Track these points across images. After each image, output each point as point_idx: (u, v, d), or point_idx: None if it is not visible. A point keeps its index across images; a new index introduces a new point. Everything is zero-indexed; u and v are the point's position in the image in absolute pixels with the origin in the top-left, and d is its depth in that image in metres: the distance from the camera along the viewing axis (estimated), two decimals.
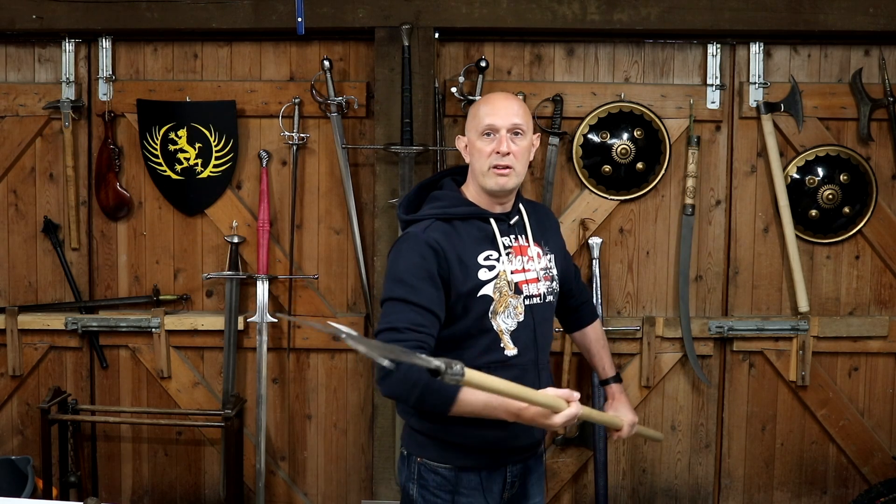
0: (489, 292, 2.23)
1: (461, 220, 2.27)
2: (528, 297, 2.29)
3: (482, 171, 2.26)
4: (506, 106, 2.27)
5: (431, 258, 2.18)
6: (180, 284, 3.85)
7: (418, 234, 2.22)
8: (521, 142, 2.26)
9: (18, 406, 3.90)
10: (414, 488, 2.32)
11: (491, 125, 2.24)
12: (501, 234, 2.29)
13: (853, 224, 3.72)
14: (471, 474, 2.29)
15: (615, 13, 3.52)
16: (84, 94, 3.78)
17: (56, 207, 3.83)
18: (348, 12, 3.54)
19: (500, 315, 2.24)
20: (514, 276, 2.27)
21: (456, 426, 2.24)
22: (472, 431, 2.24)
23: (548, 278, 2.36)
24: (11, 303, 3.86)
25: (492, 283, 2.23)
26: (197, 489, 3.91)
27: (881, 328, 3.73)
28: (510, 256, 2.28)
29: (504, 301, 2.25)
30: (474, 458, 2.29)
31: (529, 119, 2.30)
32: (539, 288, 2.32)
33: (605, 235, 3.74)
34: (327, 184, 3.78)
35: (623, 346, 3.74)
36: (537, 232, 2.39)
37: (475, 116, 2.29)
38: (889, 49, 3.67)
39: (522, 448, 2.36)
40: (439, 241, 2.20)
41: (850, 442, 3.79)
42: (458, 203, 2.30)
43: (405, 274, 2.16)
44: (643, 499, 3.85)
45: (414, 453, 2.33)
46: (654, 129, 3.66)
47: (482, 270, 2.23)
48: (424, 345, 2.09)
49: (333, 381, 3.85)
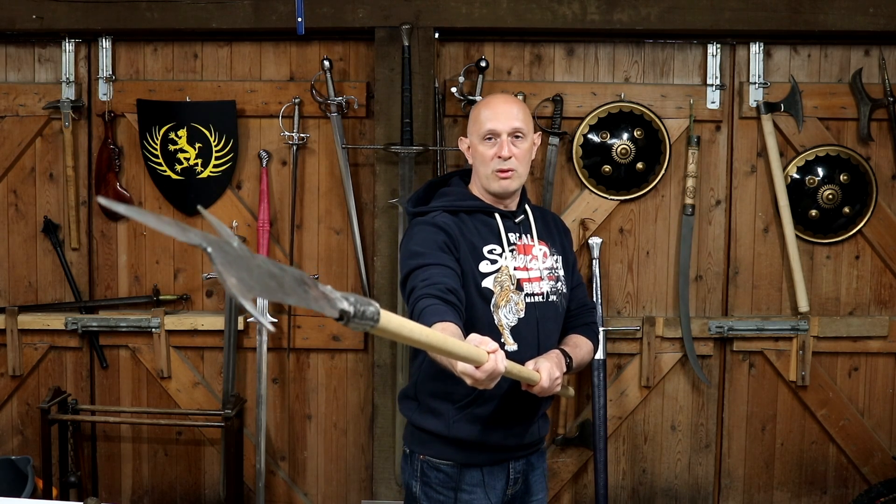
0: (489, 285, 2.25)
1: (467, 213, 2.31)
2: (529, 295, 2.30)
3: (485, 175, 2.31)
4: (506, 110, 2.30)
5: (442, 234, 2.23)
6: (180, 284, 3.85)
7: (426, 220, 2.28)
8: (523, 144, 2.30)
9: (18, 406, 3.90)
10: (417, 485, 2.33)
11: (492, 130, 2.28)
12: (506, 231, 2.32)
13: (853, 224, 3.72)
14: (473, 471, 2.30)
15: (615, 13, 3.52)
16: (84, 94, 3.78)
17: (56, 207, 3.83)
18: (348, 12, 3.54)
19: (501, 309, 2.25)
20: (516, 273, 2.29)
21: (457, 422, 2.26)
22: (474, 428, 2.26)
23: (552, 278, 2.36)
24: (11, 303, 3.86)
25: (492, 276, 2.26)
26: (197, 489, 3.92)
27: (881, 328, 3.73)
28: (514, 253, 2.30)
29: (505, 295, 2.26)
30: (476, 455, 2.30)
31: (530, 120, 2.33)
32: (542, 287, 2.33)
33: (605, 235, 3.74)
34: (327, 184, 3.78)
35: (623, 346, 3.75)
36: (544, 232, 2.41)
37: (476, 120, 2.33)
38: (889, 49, 3.67)
39: (525, 445, 2.36)
40: (447, 224, 2.25)
41: (850, 442, 3.79)
42: (465, 197, 2.35)
43: (417, 247, 2.19)
44: (643, 499, 3.85)
45: (416, 451, 2.34)
46: (654, 129, 3.65)
47: (484, 262, 2.26)
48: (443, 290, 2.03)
49: (333, 381, 3.85)
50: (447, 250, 2.20)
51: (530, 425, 2.36)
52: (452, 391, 2.27)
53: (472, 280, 2.23)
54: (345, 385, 3.85)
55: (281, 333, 3.79)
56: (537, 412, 2.38)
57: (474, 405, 2.28)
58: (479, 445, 2.29)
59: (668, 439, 3.83)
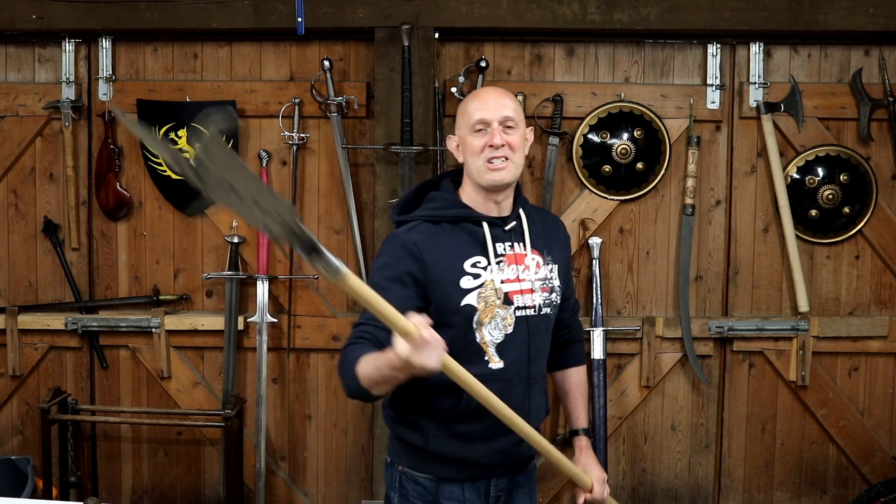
0: (472, 302, 2.13)
1: (451, 222, 2.19)
2: (520, 309, 2.19)
3: (477, 168, 2.17)
4: (495, 99, 2.19)
5: (406, 259, 2.12)
6: (180, 284, 3.85)
7: (398, 236, 2.18)
8: (514, 134, 2.17)
9: (18, 406, 3.90)
10: (395, 497, 2.27)
11: (482, 119, 2.16)
12: (495, 241, 2.19)
13: (853, 224, 3.72)
14: (452, 486, 2.23)
15: (615, 13, 3.52)
16: (84, 94, 3.78)
17: (56, 207, 3.83)
18: (348, 12, 3.54)
19: (485, 326, 2.14)
20: (504, 286, 2.16)
21: (437, 437, 2.19)
22: (453, 443, 2.19)
23: (546, 289, 2.24)
24: (11, 303, 3.86)
25: (475, 291, 2.13)
26: (197, 489, 3.92)
27: (881, 328, 3.73)
28: (501, 265, 2.18)
29: (490, 311, 2.14)
30: (455, 470, 2.22)
31: (521, 112, 2.22)
32: (534, 299, 2.21)
33: (605, 235, 3.74)
34: (327, 184, 3.78)
35: (623, 346, 3.74)
36: (539, 240, 2.27)
37: (464, 113, 2.21)
38: (889, 49, 3.67)
39: (509, 464, 2.27)
40: (418, 243, 2.13)
41: (850, 442, 3.79)
42: (450, 205, 2.22)
43: (377, 275, 2.13)
44: (643, 499, 3.85)
45: (396, 461, 2.28)
46: (654, 129, 3.65)
47: (466, 278, 2.14)
48: (373, 338, 2.03)
49: (333, 381, 3.85)
50: (403, 280, 2.10)
51: (517, 444, 2.23)
52: (434, 406, 2.18)
53: (447, 302, 2.12)
54: None
55: (281, 333, 3.79)
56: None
57: (457, 422, 2.18)
58: (459, 462, 2.21)
59: (668, 439, 3.83)
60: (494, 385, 2.10)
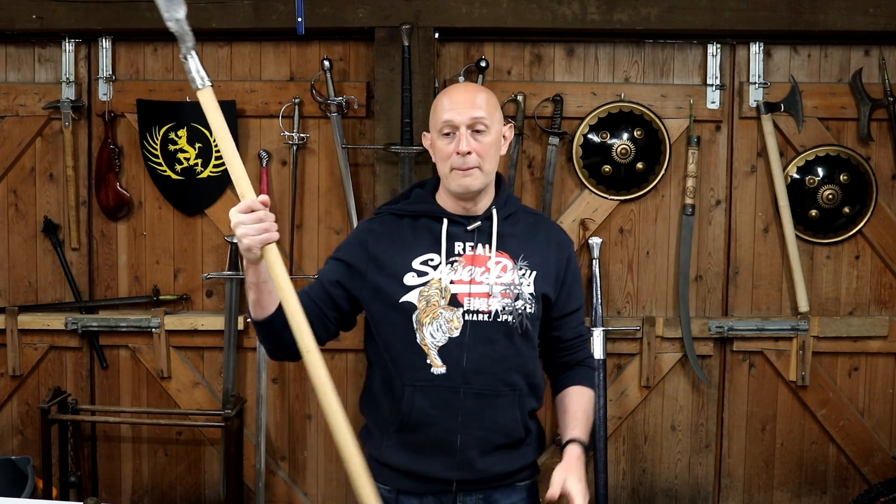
0: (412, 299, 2.03)
1: (413, 217, 2.12)
2: (470, 313, 2.03)
3: (444, 174, 2.07)
4: (465, 99, 2.04)
5: (353, 245, 2.14)
6: (180, 284, 3.85)
7: (361, 223, 2.23)
8: (485, 138, 2.03)
9: (18, 406, 3.90)
10: None
11: (449, 121, 2.03)
12: (455, 239, 2.08)
13: (853, 224, 3.72)
14: (412, 499, 2.10)
15: (615, 13, 3.52)
16: (84, 94, 3.78)
17: (56, 207, 3.83)
18: (348, 12, 3.54)
19: (426, 327, 2.03)
20: (452, 287, 2.04)
21: (389, 448, 2.09)
22: (407, 457, 2.08)
23: (508, 295, 2.05)
24: (11, 303, 3.86)
25: (417, 290, 2.04)
26: (197, 489, 3.92)
27: (881, 328, 3.73)
28: (454, 265, 2.06)
29: (432, 311, 2.03)
30: (411, 483, 2.09)
31: (496, 110, 2.08)
32: (490, 304, 2.04)
33: (605, 235, 3.74)
34: (327, 184, 3.78)
35: (623, 346, 3.74)
36: (514, 243, 2.11)
37: (434, 111, 2.09)
38: (889, 49, 3.67)
39: (474, 480, 2.08)
40: (371, 233, 2.13)
41: (850, 442, 3.79)
42: (418, 200, 2.15)
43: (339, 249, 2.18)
44: (643, 499, 3.85)
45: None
46: (654, 129, 3.66)
47: (410, 275, 2.05)
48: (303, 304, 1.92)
49: (333, 381, 3.81)
50: (342, 261, 2.12)
51: (482, 457, 2.05)
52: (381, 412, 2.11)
53: (388, 297, 2.05)
54: (345, 385, 3.84)
55: None
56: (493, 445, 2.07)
57: (404, 431, 2.07)
58: (413, 475, 2.07)
59: (668, 439, 3.83)
60: (437, 393, 2.02)
